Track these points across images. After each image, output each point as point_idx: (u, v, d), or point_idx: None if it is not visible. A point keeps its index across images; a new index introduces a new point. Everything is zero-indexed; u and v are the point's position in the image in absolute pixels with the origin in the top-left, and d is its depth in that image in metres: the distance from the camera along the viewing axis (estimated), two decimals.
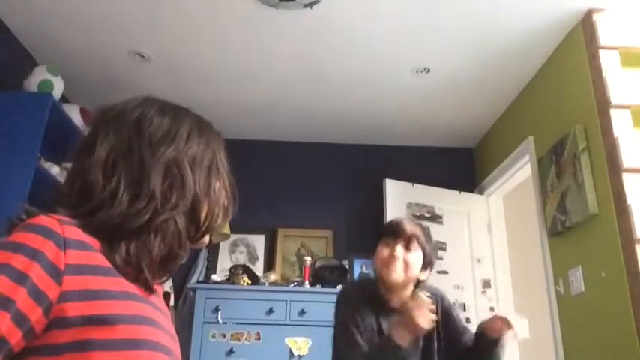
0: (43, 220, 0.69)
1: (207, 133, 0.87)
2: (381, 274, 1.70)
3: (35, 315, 0.63)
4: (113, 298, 0.68)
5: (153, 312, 0.74)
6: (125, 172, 0.76)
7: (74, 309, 0.65)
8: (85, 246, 0.69)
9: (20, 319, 0.62)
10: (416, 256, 1.69)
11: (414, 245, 1.70)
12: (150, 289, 0.75)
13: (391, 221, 1.81)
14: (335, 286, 3.16)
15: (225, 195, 0.85)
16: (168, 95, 0.90)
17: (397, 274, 1.66)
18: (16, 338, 0.62)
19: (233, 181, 0.88)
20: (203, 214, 0.81)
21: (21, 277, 0.63)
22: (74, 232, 0.69)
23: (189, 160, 0.81)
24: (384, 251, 1.70)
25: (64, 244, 0.67)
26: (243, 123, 3.76)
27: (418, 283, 1.74)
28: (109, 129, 0.80)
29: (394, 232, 1.72)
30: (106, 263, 0.71)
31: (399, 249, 1.68)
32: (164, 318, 0.78)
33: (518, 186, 3.59)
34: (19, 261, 0.63)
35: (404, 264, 1.67)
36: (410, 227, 1.72)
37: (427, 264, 1.73)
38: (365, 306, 1.67)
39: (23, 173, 2.41)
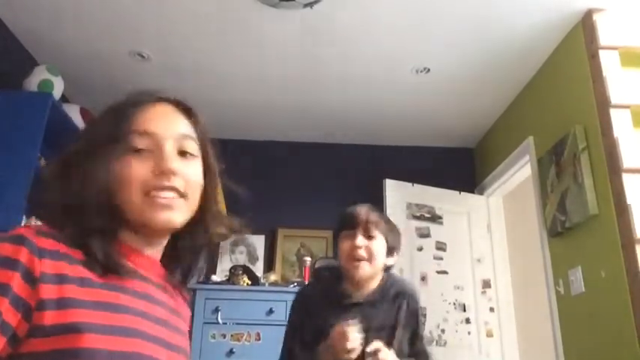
0: (19, 230, 0.70)
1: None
2: (347, 271, 1.63)
3: (16, 321, 0.64)
4: (87, 308, 0.68)
5: (135, 303, 0.74)
6: None
7: (50, 317, 0.65)
8: (60, 255, 0.69)
9: (3, 327, 0.63)
10: (378, 243, 1.63)
11: (374, 232, 1.63)
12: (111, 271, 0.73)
13: (345, 212, 1.72)
14: None
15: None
16: (167, 95, 0.90)
17: (362, 269, 1.60)
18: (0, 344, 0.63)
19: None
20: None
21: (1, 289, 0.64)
22: (48, 243, 0.69)
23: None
24: (345, 245, 1.64)
25: (39, 252, 0.67)
26: (243, 123, 3.76)
27: (387, 270, 1.69)
28: None
29: (350, 223, 1.65)
30: (85, 274, 0.70)
31: (360, 239, 1.61)
32: (155, 308, 0.77)
33: (518, 186, 3.59)
34: None
35: (367, 253, 1.60)
36: (365, 214, 1.65)
37: (391, 249, 1.67)
38: (320, 304, 1.63)
39: (23, 173, 2.41)
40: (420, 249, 3.49)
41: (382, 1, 2.50)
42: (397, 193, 3.55)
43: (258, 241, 3.64)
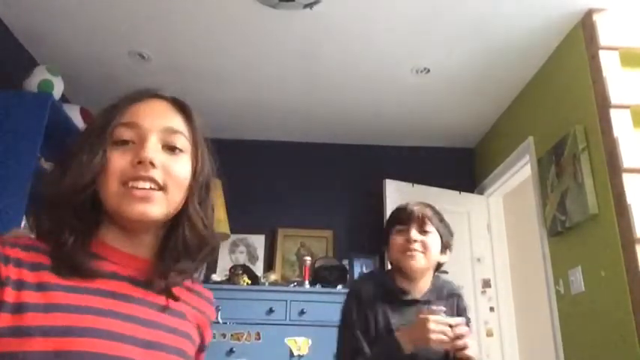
0: None
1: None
2: (400, 264, 1.58)
3: None
4: (37, 311, 0.68)
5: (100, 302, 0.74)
6: None
7: (4, 320, 0.66)
8: (22, 263, 0.71)
9: None
10: (433, 238, 1.59)
11: (429, 227, 1.59)
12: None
13: (399, 207, 1.67)
14: (335, 286, 3.16)
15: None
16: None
17: (417, 260, 1.55)
18: None
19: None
20: None
21: None
22: (13, 252, 0.71)
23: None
24: (398, 239, 1.59)
25: (5, 259, 0.69)
26: (243, 123, 3.76)
27: (438, 268, 1.65)
28: None
29: (405, 218, 1.60)
30: (46, 278, 0.72)
31: (415, 233, 1.57)
32: (129, 307, 0.76)
33: (518, 186, 3.60)
34: None
35: (422, 247, 1.56)
36: (420, 209, 1.61)
37: (445, 245, 1.62)
38: (376, 301, 1.55)
39: (23, 173, 2.40)
40: None
41: (382, 1, 2.50)
42: (397, 193, 3.54)
43: (258, 241, 3.65)
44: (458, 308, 1.65)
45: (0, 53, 2.73)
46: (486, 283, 3.55)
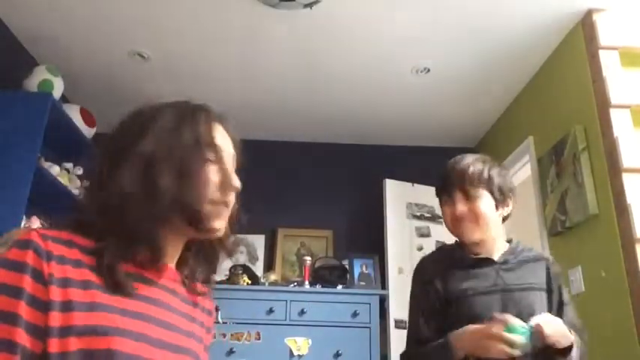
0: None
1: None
2: (457, 236, 1.48)
3: (37, 318, 0.66)
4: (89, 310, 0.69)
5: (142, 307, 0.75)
6: None
7: (56, 319, 0.67)
8: (65, 260, 0.71)
9: (26, 326, 0.65)
10: (484, 202, 1.42)
11: (475, 190, 1.42)
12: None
13: (442, 170, 1.54)
14: (335, 286, 3.16)
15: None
16: (167, 95, 0.91)
17: (471, 233, 1.42)
18: (34, 345, 0.65)
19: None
20: None
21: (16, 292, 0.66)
22: (55, 247, 0.71)
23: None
24: (447, 212, 1.47)
25: (47, 255, 0.69)
26: (242, 123, 3.72)
27: (505, 220, 1.51)
28: None
29: (447, 188, 1.47)
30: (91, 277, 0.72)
31: (460, 205, 1.42)
32: (164, 313, 0.78)
33: (518, 186, 3.56)
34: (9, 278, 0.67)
35: (472, 218, 1.41)
36: (460, 172, 1.45)
37: (502, 199, 1.45)
38: (444, 270, 1.44)
39: (23, 173, 2.41)
40: (420, 249, 3.49)
41: (382, 1, 2.50)
42: (397, 193, 3.55)
43: (258, 241, 3.64)
44: (549, 275, 1.46)
45: (0, 53, 2.73)
46: None
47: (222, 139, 0.86)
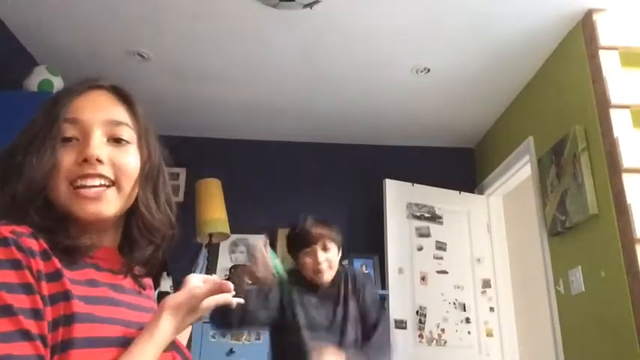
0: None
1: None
2: (313, 280, 1.90)
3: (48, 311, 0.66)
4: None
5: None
6: None
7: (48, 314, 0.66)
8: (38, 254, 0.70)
9: (38, 314, 0.65)
10: (334, 252, 1.90)
11: (330, 244, 1.88)
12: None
13: (300, 232, 1.95)
14: None
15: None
16: (168, 95, 0.91)
17: (327, 276, 1.88)
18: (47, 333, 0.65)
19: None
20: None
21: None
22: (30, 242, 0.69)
23: None
24: (307, 261, 1.88)
25: (30, 252, 0.68)
26: (243, 123, 3.76)
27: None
28: None
29: (309, 241, 1.89)
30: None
31: (321, 254, 1.87)
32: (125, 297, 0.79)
33: (518, 186, 3.59)
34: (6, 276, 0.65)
35: (328, 265, 1.87)
36: (318, 230, 1.89)
37: (341, 249, 1.95)
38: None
39: None
40: (420, 249, 3.49)
41: (382, 1, 2.50)
42: (397, 193, 3.55)
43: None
44: (354, 287, 1.95)
45: (0, 53, 2.73)
46: (486, 283, 3.55)
47: (85, 109, 0.79)
